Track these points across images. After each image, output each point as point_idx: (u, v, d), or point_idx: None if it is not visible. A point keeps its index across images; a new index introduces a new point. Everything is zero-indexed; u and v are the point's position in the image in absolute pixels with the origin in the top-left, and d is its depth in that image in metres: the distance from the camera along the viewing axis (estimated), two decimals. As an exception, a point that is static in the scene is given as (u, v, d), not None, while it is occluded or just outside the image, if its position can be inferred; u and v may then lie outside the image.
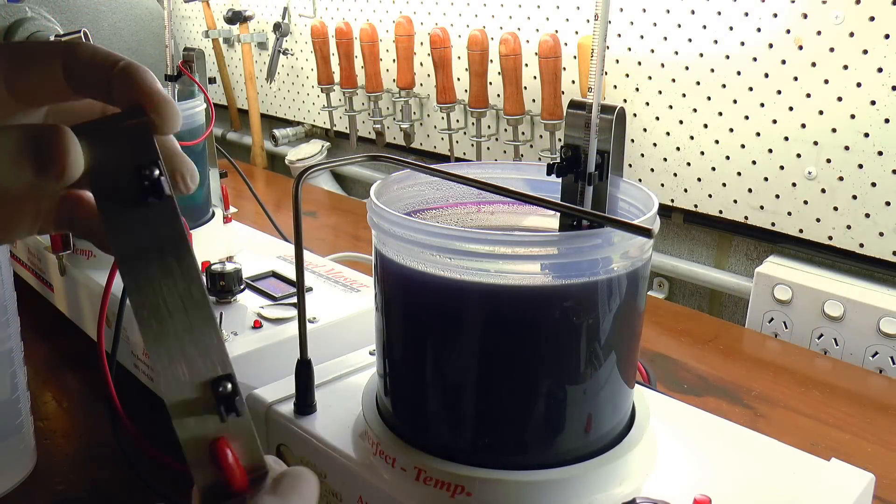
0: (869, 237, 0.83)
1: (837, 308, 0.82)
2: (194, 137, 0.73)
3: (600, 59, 0.39)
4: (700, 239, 1.03)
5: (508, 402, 0.38)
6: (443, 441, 0.39)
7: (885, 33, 0.78)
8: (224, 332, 0.58)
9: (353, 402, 0.46)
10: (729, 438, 0.44)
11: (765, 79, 0.88)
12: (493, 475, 0.37)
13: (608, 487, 0.39)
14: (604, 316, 0.38)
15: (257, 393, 0.48)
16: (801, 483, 0.40)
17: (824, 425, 0.65)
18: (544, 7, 1.08)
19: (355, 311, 0.62)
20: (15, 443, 0.56)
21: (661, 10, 0.95)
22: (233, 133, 1.76)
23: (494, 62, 1.11)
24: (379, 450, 0.40)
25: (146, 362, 0.63)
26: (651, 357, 0.75)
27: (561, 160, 0.42)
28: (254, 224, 0.86)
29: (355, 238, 1.03)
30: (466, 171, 0.44)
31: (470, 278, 0.36)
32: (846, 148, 0.83)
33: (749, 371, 0.73)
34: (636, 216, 0.42)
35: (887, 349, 0.80)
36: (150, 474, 0.55)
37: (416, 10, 1.26)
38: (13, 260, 0.83)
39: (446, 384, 0.39)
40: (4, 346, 0.53)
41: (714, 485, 0.40)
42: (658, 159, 1.00)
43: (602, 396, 0.39)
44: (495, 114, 1.17)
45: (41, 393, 0.69)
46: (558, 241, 0.38)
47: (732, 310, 1.01)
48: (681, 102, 0.96)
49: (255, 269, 0.69)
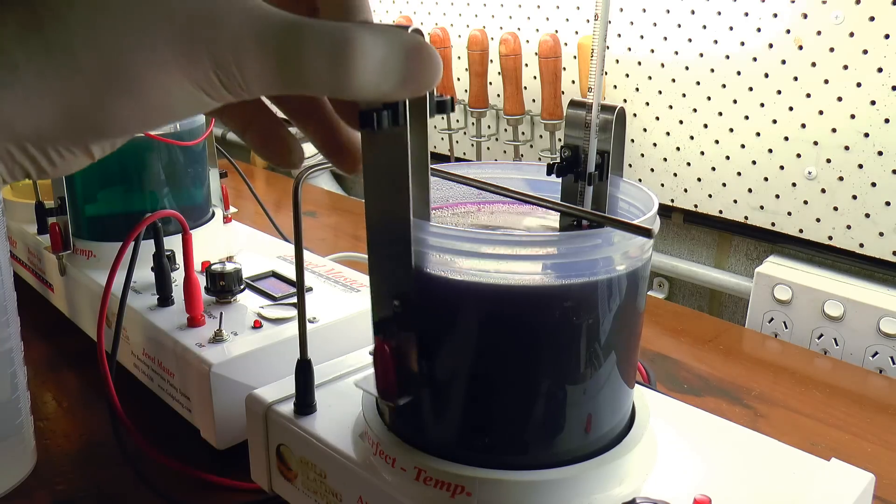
0: (869, 237, 0.83)
1: (837, 308, 0.82)
2: (194, 137, 0.73)
3: (600, 59, 0.39)
4: (700, 239, 1.03)
5: (508, 403, 0.38)
6: (443, 441, 0.39)
7: (885, 33, 0.78)
8: (224, 332, 0.58)
9: (353, 402, 0.46)
10: (729, 438, 0.44)
11: (765, 79, 0.88)
12: (493, 475, 0.37)
13: (608, 487, 0.39)
14: (604, 316, 0.38)
15: (257, 393, 0.48)
16: (801, 483, 0.40)
17: (824, 425, 0.65)
18: (544, 7, 1.08)
19: (355, 311, 0.62)
20: (15, 443, 0.56)
21: (661, 11, 0.95)
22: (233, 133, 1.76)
23: (494, 62, 1.11)
24: (379, 450, 0.40)
25: (146, 362, 0.63)
26: (651, 357, 0.75)
27: (561, 160, 0.42)
28: (254, 224, 0.86)
29: (355, 238, 1.03)
30: (466, 171, 0.44)
31: (470, 278, 0.36)
32: (846, 148, 0.83)
33: (749, 371, 0.73)
34: (636, 216, 0.42)
35: (887, 349, 0.80)
36: (150, 474, 0.55)
37: (416, 10, 1.26)
38: (13, 260, 0.83)
39: (446, 384, 0.39)
40: (4, 346, 0.53)
41: (714, 485, 0.40)
42: (658, 159, 1.00)
43: (602, 396, 0.39)
44: (495, 114, 1.17)
45: (41, 393, 0.69)
46: (558, 241, 0.38)
47: (732, 310, 1.01)
48: (681, 102, 0.96)
49: (255, 269, 0.69)
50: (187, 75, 0.24)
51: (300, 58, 0.24)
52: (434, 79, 0.27)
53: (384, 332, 0.33)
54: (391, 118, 0.30)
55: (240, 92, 0.25)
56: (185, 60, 0.24)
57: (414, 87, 0.26)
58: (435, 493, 0.38)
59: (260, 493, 0.51)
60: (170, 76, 0.24)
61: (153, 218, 0.61)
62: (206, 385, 0.55)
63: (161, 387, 0.62)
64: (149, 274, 0.65)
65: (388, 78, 0.26)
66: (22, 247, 0.83)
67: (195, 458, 0.57)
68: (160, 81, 0.24)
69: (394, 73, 0.26)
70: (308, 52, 0.24)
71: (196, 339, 0.58)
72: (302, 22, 0.25)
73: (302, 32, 0.24)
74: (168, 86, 0.24)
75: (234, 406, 0.55)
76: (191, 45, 0.24)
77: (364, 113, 0.30)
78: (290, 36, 0.24)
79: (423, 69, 0.26)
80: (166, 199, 0.74)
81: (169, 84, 0.24)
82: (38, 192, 0.78)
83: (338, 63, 0.24)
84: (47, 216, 0.74)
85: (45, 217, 0.77)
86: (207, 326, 0.60)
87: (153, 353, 0.62)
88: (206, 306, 0.62)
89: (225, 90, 0.25)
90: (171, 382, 0.60)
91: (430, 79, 0.27)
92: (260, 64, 0.24)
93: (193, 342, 0.57)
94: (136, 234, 0.60)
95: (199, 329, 0.59)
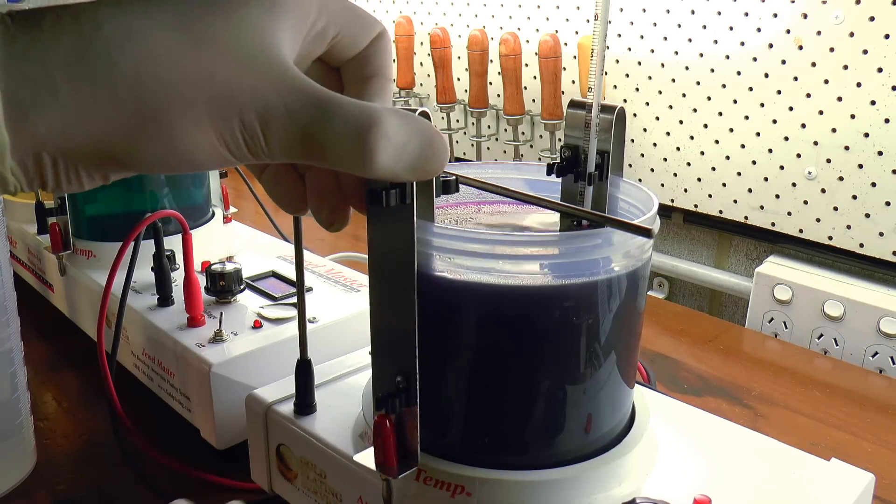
0: (869, 237, 0.83)
1: (837, 308, 0.82)
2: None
3: (600, 59, 0.39)
4: (700, 239, 1.03)
5: (508, 402, 0.38)
6: (443, 441, 0.39)
7: (885, 33, 0.78)
8: (224, 332, 0.58)
9: (353, 402, 0.46)
10: (729, 438, 0.44)
11: (765, 79, 0.88)
12: (493, 475, 0.37)
13: (608, 487, 0.39)
14: (604, 316, 0.38)
15: (257, 393, 0.48)
16: (801, 483, 0.40)
17: (824, 425, 0.65)
18: (544, 7, 1.08)
19: (355, 311, 0.62)
20: (15, 443, 0.56)
21: (661, 10, 0.95)
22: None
23: (494, 62, 1.11)
24: (379, 450, 0.40)
25: (146, 362, 0.63)
26: (651, 357, 0.75)
27: (561, 160, 0.42)
28: (254, 224, 0.86)
29: (355, 238, 1.03)
30: (466, 171, 0.44)
31: (470, 278, 0.36)
32: (846, 148, 0.83)
33: (749, 371, 0.73)
34: (636, 216, 0.42)
35: (887, 349, 0.80)
36: (150, 474, 0.55)
37: (416, 10, 1.26)
38: (13, 260, 0.83)
39: (445, 384, 0.39)
40: (4, 346, 0.53)
41: (714, 485, 0.40)
42: (658, 159, 1.00)
43: (602, 396, 0.39)
44: (495, 114, 1.17)
45: (41, 393, 0.69)
46: (558, 241, 0.38)
47: (732, 310, 1.01)
48: (681, 102, 0.96)
49: (255, 269, 0.69)
50: (216, 132, 0.25)
51: (325, 133, 0.26)
52: (442, 166, 0.28)
53: (386, 408, 0.33)
54: (399, 197, 0.31)
55: (262, 156, 0.26)
56: (217, 119, 0.25)
57: (424, 172, 0.28)
58: (435, 493, 0.38)
59: (260, 493, 0.51)
60: (199, 131, 0.25)
61: (153, 218, 0.61)
62: (206, 385, 0.55)
63: (161, 387, 0.62)
64: (149, 274, 0.65)
65: (403, 162, 0.27)
66: (22, 247, 0.83)
67: (195, 458, 0.57)
68: (189, 134, 0.25)
69: (410, 158, 0.27)
70: (334, 129, 0.26)
71: (196, 339, 0.58)
72: (332, 98, 0.26)
73: (331, 109, 0.26)
74: (196, 139, 0.25)
75: (234, 406, 0.55)
76: (224, 107, 0.25)
77: (373, 191, 0.31)
78: (318, 111, 0.26)
79: (434, 157, 0.28)
80: (166, 199, 0.74)
81: (197, 138, 0.25)
82: (38, 192, 0.78)
83: (361, 143, 0.26)
84: (47, 216, 0.74)
85: (45, 217, 0.77)
86: (207, 326, 0.60)
87: (153, 353, 0.62)
88: (206, 306, 0.62)
89: (248, 151, 0.26)
90: (171, 382, 0.60)
91: (439, 166, 0.28)
92: (286, 132, 0.26)
93: (193, 342, 0.57)
94: (136, 234, 0.60)
95: (199, 329, 0.59)
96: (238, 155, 0.26)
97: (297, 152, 0.26)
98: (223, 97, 0.25)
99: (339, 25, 0.29)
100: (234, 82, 0.25)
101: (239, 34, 0.25)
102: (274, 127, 0.25)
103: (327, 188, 0.32)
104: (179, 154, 0.25)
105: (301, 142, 0.26)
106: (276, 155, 0.26)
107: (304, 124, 0.25)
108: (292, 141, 0.26)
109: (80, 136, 0.24)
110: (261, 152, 0.26)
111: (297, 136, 0.26)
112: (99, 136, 0.24)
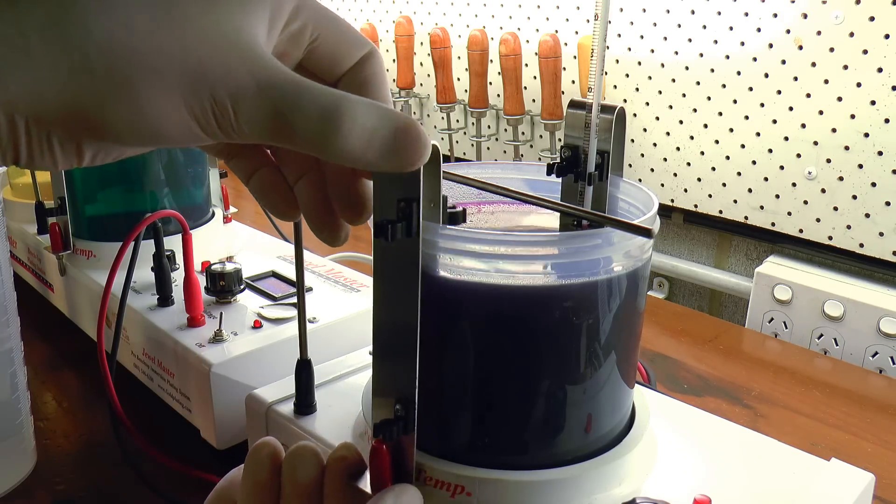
0: (869, 237, 0.83)
1: (837, 308, 0.82)
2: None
3: (600, 59, 0.39)
4: (700, 239, 1.03)
5: (508, 402, 0.38)
6: (443, 441, 0.39)
7: (885, 33, 0.78)
8: (224, 332, 0.58)
9: (353, 402, 0.46)
10: (729, 438, 0.44)
11: (765, 79, 0.88)
12: (493, 475, 0.37)
13: (608, 487, 0.39)
14: (604, 316, 0.38)
15: (257, 393, 0.49)
16: (801, 483, 0.40)
17: (824, 425, 0.65)
18: (544, 7, 1.08)
19: (355, 311, 0.62)
20: (15, 443, 0.56)
21: (661, 10, 0.95)
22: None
23: (494, 62, 1.11)
24: (379, 450, 0.40)
25: (146, 362, 0.63)
26: (651, 357, 0.75)
27: (561, 160, 0.42)
28: (254, 224, 0.86)
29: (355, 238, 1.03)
30: (466, 171, 0.44)
31: (470, 278, 0.36)
32: (846, 148, 0.83)
33: (749, 371, 0.73)
34: (636, 216, 0.42)
35: (887, 349, 0.80)
36: (150, 474, 0.55)
37: (416, 10, 1.26)
38: (13, 260, 0.83)
39: (445, 384, 0.39)
40: (4, 346, 0.53)
41: (714, 485, 0.40)
42: (658, 159, 1.00)
43: (602, 396, 0.39)
44: (495, 114, 1.17)
45: (41, 393, 0.69)
46: (559, 241, 0.38)
47: (732, 310, 1.01)
48: (681, 102, 0.96)
49: (255, 269, 0.69)
50: (186, 104, 0.25)
51: (294, 112, 0.26)
52: (420, 158, 0.28)
53: (384, 434, 0.33)
54: (405, 231, 0.31)
55: (230, 133, 0.26)
56: (188, 91, 0.25)
57: (398, 161, 0.27)
58: (435, 493, 0.38)
59: (260, 493, 0.51)
60: (169, 101, 0.25)
61: (153, 218, 0.61)
62: (206, 385, 0.55)
63: (161, 387, 0.62)
64: (149, 274, 0.65)
65: (374, 149, 0.27)
66: (22, 247, 0.83)
67: (195, 458, 0.57)
68: (160, 103, 0.25)
69: (381, 144, 0.27)
70: (302, 109, 0.26)
71: (196, 339, 0.58)
72: (304, 82, 0.26)
73: (301, 90, 0.26)
74: (166, 108, 0.25)
75: (234, 406, 0.55)
76: (196, 81, 0.25)
77: (379, 224, 0.31)
78: (288, 91, 0.26)
79: (409, 146, 0.27)
80: (166, 199, 0.74)
81: (167, 107, 0.25)
82: (38, 192, 0.78)
83: (327, 122, 0.26)
84: (47, 216, 0.74)
85: (45, 217, 0.77)
86: (207, 326, 0.60)
87: (153, 353, 0.62)
88: (206, 306, 0.62)
89: (218, 128, 0.26)
90: (171, 382, 0.60)
91: (416, 156, 0.28)
92: (255, 110, 0.26)
93: (193, 342, 0.57)
94: (136, 234, 0.60)
95: (199, 329, 0.59)
96: (208, 131, 0.26)
97: (267, 131, 0.26)
98: (195, 72, 0.25)
99: (318, 30, 0.30)
100: (206, 59, 0.25)
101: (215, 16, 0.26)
102: (244, 104, 0.26)
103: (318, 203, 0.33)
104: (149, 123, 0.25)
105: (271, 120, 0.26)
106: (244, 133, 0.26)
107: (275, 102, 0.26)
108: (262, 119, 0.26)
109: (51, 100, 0.24)
110: (230, 129, 0.26)
111: (267, 113, 0.26)
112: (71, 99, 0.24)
